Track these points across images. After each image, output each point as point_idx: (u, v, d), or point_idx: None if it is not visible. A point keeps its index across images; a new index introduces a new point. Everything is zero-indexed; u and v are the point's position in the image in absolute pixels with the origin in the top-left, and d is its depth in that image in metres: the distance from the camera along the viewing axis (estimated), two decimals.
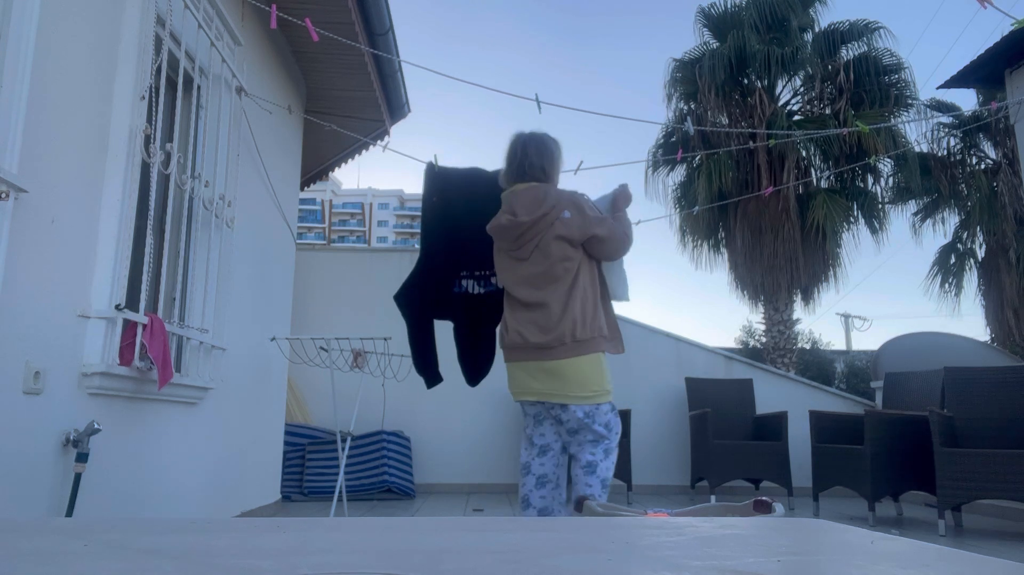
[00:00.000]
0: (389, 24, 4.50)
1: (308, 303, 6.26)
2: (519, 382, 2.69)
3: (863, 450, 4.34)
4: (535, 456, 2.74)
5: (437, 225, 3.16)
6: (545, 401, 2.65)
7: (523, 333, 2.62)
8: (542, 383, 2.62)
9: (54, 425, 2.28)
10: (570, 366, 2.57)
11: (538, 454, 2.74)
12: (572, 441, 2.68)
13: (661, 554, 0.72)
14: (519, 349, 2.66)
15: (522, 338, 2.63)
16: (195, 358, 3.29)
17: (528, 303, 2.64)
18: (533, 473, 2.72)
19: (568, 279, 2.61)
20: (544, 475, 2.70)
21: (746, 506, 2.00)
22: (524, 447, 2.79)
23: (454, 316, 3.16)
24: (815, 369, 14.83)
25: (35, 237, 2.17)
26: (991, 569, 0.65)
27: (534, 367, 2.63)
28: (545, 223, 2.62)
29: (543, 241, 2.61)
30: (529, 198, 2.67)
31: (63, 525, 0.87)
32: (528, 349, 2.63)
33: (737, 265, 11.03)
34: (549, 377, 2.60)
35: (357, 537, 0.80)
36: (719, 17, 11.28)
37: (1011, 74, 5.81)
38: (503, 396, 6.15)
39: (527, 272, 2.65)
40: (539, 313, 2.61)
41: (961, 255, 11.77)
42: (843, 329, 22.35)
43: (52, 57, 2.24)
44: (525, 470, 2.75)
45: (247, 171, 3.97)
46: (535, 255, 2.63)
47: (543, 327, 2.59)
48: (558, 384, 2.59)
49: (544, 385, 2.62)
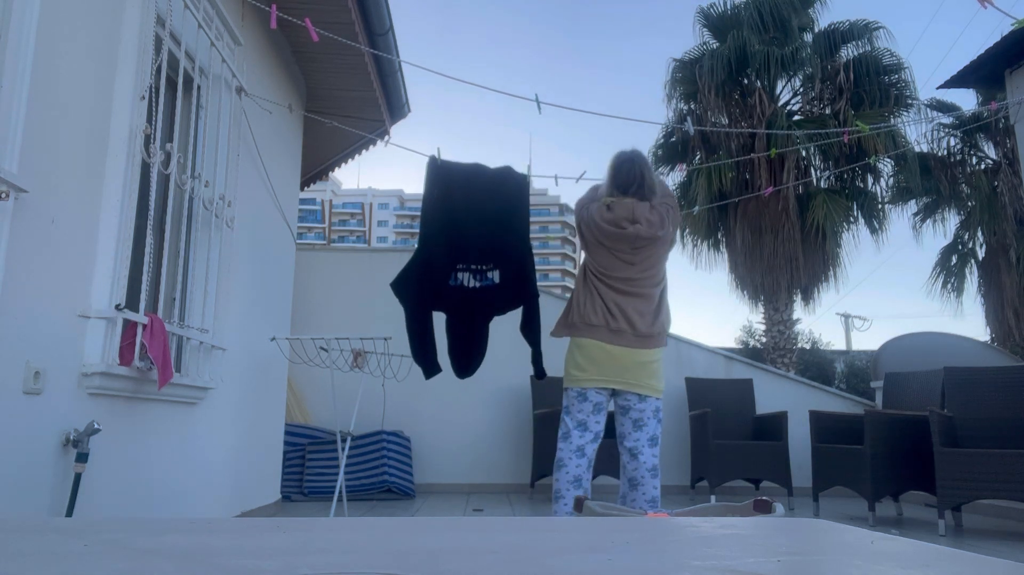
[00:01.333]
0: (389, 24, 4.49)
1: (308, 303, 6.25)
2: (603, 368, 2.87)
3: (863, 450, 4.34)
4: (589, 442, 2.92)
5: (437, 218, 3.17)
6: (621, 390, 2.88)
7: (633, 321, 2.87)
8: (625, 369, 2.85)
9: (54, 425, 2.28)
10: (650, 357, 2.86)
11: (592, 439, 2.92)
12: (634, 434, 2.89)
13: (661, 554, 0.72)
14: (621, 334, 2.87)
15: (631, 326, 2.86)
16: (195, 358, 3.29)
17: (639, 294, 2.90)
18: (572, 443, 2.89)
19: (660, 281, 2.95)
20: (582, 448, 2.90)
21: (746, 506, 2.00)
22: (577, 432, 2.92)
23: (448, 308, 3.18)
24: (815, 369, 14.83)
25: (35, 237, 2.17)
26: (991, 569, 0.65)
27: (629, 357, 2.85)
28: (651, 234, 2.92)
29: (655, 250, 2.93)
30: (643, 210, 2.94)
31: (63, 525, 0.87)
32: (634, 336, 2.86)
33: (737, 265, 11.03)
34: (640, 368, 2.85)
35: (357, 537, 0.80)
36: (719, 17, 11.28)
37: (1011, 74, 5.81)
38: (503, 396, 6.15)
39: (635, 273, 2.92)
40: (644, 305, 2.89)
41: (962, 255, 11.77)
42: (843, 329, 22.35)
43: (52, 57, 2.24)
44: (565, 438, 2.91)
45: (247, 171, 3.97)
46: (645, 262, 2.92)
47: (647, 319, 2.87)
48: (644, 376, 2.85)
49: (631, 375, 2.85)
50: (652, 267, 2.93)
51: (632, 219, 2.90)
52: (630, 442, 2.88)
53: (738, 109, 10.98)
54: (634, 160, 3.02)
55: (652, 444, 2.87)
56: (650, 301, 2.91)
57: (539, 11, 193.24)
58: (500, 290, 3.19)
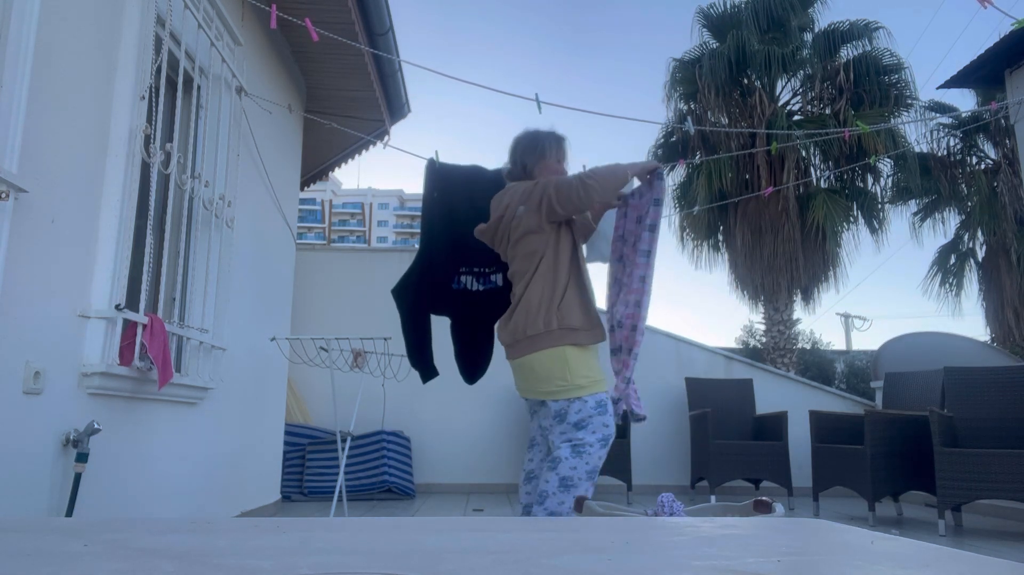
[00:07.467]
0: (389, 24, 4.49)
1: (308, 303, 6.25)
2: (513, 378, 2.72)
3: (863, 450, 4.34)
4: (527, 451, 2.73)
5: (437, 221, 3.16)
6: (527, 397, 2.66)
7: (497, 330, 2.67)
8: (519, 379, 2.62)
9: (54, 425, 2.28)
10: (529, 363, 2.50)
11: (528, 448, 2.73)
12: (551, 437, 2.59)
13: (661, 554, 0.72)
14: (502, 345, 2.68)
15: (498, 335, 2.68)
16: (195, 358, 3.29)
17: (511, 301, 2.68)
18: (524, 468, 2.72)
19: (528, 275, 2.55)
20: (531, 471, 2.68)
21: (746, 506, 2.00)
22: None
23: (452, 312, 3.16)
24: (815, 369, 14.81)
25: (35, 237, 2.17)
26: (991, 569, 0.65)
27: (511, 364, 2.64)
28: (504, 225, 2.62)
29: (512, 240, 2.60)
30: (496, 202, 2.69)
31: (63, 525, 0.87)
32: (503, 346, 2.65)
33: (737, 265, 11.03)
34: (519, 372, 2.58)
35: (357, 537, 0.80)
36: (719, 17, 11.28)
37: (1011, 74, 5.81)
38: (503, 396, 6.15)
39: (511, 272, 2.68)
40: (509, 310, 2.62)
41: (961, 255, 11.77)
42: (843, 329, 22.32)
43: (52, 57, 2.24)
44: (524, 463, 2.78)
45: (247, 171, 3.97)
46: (511, 253, 2.64)
47: (504, 323, 2.61)
48: (529, 380, 2.54)
49: (520, 381, 2.61)
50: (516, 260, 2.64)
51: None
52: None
53: (738, 109, 10.98)
54: (515, 139, 2.77)
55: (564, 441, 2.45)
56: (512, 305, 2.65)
57: (539, 11, 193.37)
58: (503, 292, 3.18)
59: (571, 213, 2.52)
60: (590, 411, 2.46)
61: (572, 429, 2.45)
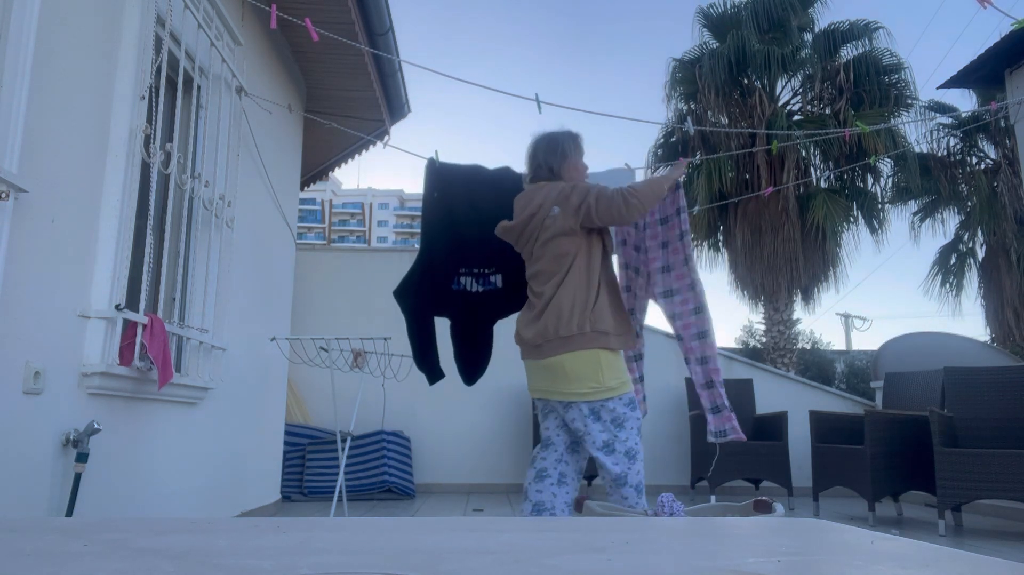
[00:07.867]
0: (389, 24, 4.49)
1: (308, 303, 6.25)
2: (528, 378, 2.72)
3: (863, 450, 4.34)
4: (539, 450, 2.73)
5: (437, 221, 3.15)
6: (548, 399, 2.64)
7: (519, 328, 2.66)
8: (539, 379, 2.62)
9: (54, 425, 2.28)
10: (560, 363, 2.53)
11: (541, 448, 2.73)
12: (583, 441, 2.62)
13: (662, 554, 0.72)
14: (521, 344, 2.67)
15: (519, 334, 2.66)
16: (195, 358, 3.29)
17: (531, 300, 2.67)
18: (535, 467, 2.71)
19: (559, 277, 2.59)
20: (544, 470, 2.68)
21: (746, 506, 2.00)
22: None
23: (452, 313, 3.15)
24: (815, 369, 14.81)
25: (35, 237, 2.17)
26: (991, 569, 0.65)
27: (532, 364, 2.64)
28: (535, 224, 2.63)
29: (541, 240, 2.63)
30: (525, 200, 2.70)
31: (63, 525, 0.87)
32: (524, 345, 2.64)
33: (737, 265, 11.03)
34: (543, 372, 2.59)
35: (357, 537, 0.80)
36: (719, 17, 11.28)
37: (1011, 74, 5.81)
38: (503, 396, 6.15)
39: (533, 270, 2.68)
40: (536, 310, 2.62)
41: (961, 255, 11.77)
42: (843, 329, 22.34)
43: (52, 57, 2.24)
44: (531, 462, 2.75)
45: (247, 171, 3.97)
46: (538, 253, 2.65)
47: (531, 322, 2.61)
48: (556, 381, 2.57)
49: (540, 382, 2.62)
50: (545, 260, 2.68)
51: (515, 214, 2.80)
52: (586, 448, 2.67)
53: (738, 109, 10.98)
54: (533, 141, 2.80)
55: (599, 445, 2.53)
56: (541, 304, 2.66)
57: (539, 11, 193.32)
58: (503, 293, 3.17)
59: (608, 225, 2.62)
60: (624, 409, 2.58)
61: (612, 426, 2.56)
